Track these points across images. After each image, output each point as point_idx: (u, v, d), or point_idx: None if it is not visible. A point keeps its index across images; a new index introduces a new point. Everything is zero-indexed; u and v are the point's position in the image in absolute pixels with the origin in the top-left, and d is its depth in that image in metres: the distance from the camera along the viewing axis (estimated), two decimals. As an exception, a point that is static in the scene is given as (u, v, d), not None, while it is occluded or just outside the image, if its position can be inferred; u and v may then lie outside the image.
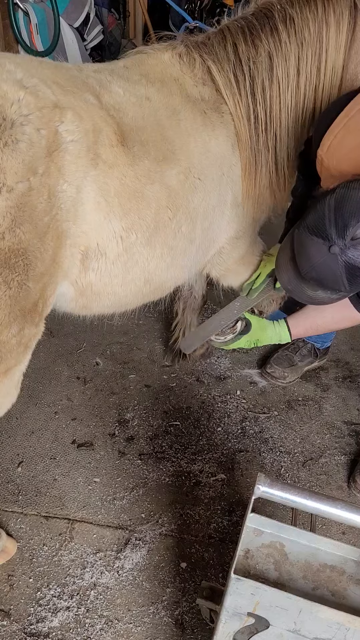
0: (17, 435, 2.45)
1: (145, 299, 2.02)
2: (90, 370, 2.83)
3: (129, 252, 1.74)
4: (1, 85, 1.40)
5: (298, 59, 1.92)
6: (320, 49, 1.92)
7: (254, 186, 2.04)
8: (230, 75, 1.92)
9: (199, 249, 2.02)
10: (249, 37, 1.92)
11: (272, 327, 2.17)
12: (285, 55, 1.91)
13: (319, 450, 2.48)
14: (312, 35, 1.91)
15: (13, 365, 1.61)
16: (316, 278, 1.58)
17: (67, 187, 1.50)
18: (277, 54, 1.91)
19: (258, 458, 2.42)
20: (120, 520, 2.15)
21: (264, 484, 1.42)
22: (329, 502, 1.42)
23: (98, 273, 1.72)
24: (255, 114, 1.95)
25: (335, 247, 1.48)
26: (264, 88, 1.94)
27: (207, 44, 1.96)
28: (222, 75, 1.92)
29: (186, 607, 1.90)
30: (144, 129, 1.72)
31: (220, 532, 2.13)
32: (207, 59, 1.93)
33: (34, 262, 1.46)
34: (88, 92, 1.63)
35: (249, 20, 1.95)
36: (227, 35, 1.95)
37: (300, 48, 1.91)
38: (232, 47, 1.93)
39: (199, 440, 2.48)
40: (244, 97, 1.93)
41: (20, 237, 1.40)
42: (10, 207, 1.36)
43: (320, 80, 1.95)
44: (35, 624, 1.84)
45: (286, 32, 1.90)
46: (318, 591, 1.47)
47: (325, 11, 1.90)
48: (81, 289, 1.74)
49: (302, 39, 1.91)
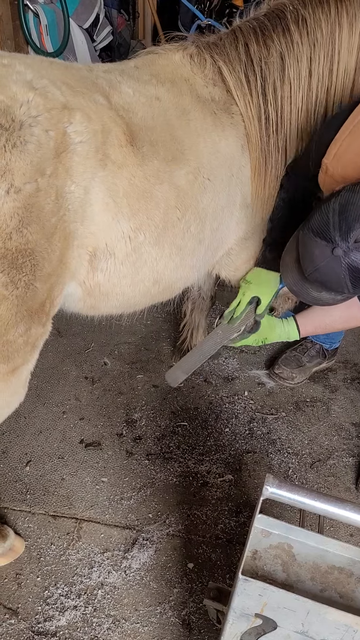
0: (25, 434, 2.46)
1: (154, 299, 2.02)
2: (98, 370, 2.83)
3: (138, 252, 1.74)
4: (11, 86, 1.41)
5: (310, 60, 1.91)
6: (333, 50, 1.91)
7: (263, 187, 2.03)
8: (242, 76, 1.91)
9: (208, 249, 2.02)
10: (260, 37, 1.91)
11: (281, 325, 2.17)
12: (297, 56, 1.90)
13: (327, 451, 2.47)
14: (325, 36, 1.90)
15: (20, 364, 1.61)
16: (320, 280, 1.59)
17: (75, 188, 1.51)
18: (289, 55, 1.90)
19: (266, 459, 2.42)
20: (128, 520, 2.15)
21: (272, 485, 1.42)
22: (337, 504, 1.41)
23: (106, 273, 1.72)
24: (266, 114, 1.94)
25: (338, 250, 1.49)
26: (275, 89, 1.93)
27: (219, 45, 1.95)
28: (233, 76, 1.92)
29: (193, 608, 1.90)
30: (154, 129, 1.72)
31: (227, 533, 2.13)
32: (218, 59, 1.92)
33: (41, 263, 1.46)
34: (97, 92, 1.64)
35: (261, 21, 1.94)
36: (238, 35, 1.94)
37: (313, 49, 1.90)
38: (244, 48, 1.92)
39: (207, 440, 2.48)
40: (254, 97, 1.93)
41: (27, 238, 1.41)
42: (17, 207, 1.37)
43: (332, 82, 1.94)
44: (43, 622, 1.84)
45: (298, 33, 1.89)
46: (326, 593, 1.46)
47: (338, 12, 1.89)
48: (89, 289, 1.75)
49: (315, 40, 1.90)
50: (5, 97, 1.38)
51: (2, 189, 1.34)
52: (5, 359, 1.54)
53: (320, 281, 1.60)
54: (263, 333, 2.15)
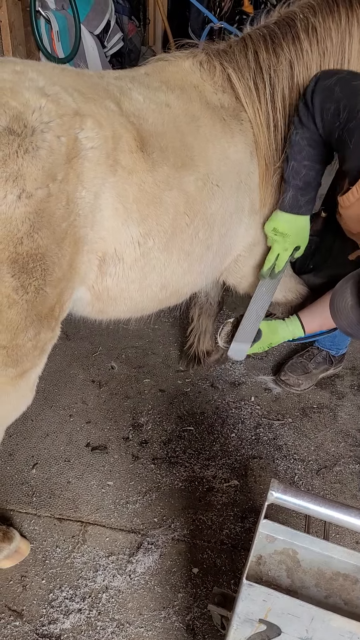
0: (32, 437, 2.47)
1: (162, 304, 2.03)
2: (106, 373, 2.84)
3: (146, 258, 1.75)
4: (23, 92, 1.43)
5: (320, 68, 1.91)
6: (343, 59, 1.92)
7: (271, 194, 2.04)
8: (251, 83, 1.92)
9: (216, 255, 2.02)
10: (270, 45, 1.92)
11: (284, 326, 2.16)
12: (307, 64, 1.91)
13: (333, 458, 2.46)
14: (335, 45, 1.90)
15: (29, 368, 1.63)
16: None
17: (86, 194, 1.52)
18: (298, 63, 1.91)
19: (272, 465, 2.41)
20: (133, 524, 2.15)
21: (277, 490, 1.42)
22: (343, 510, 1.41)
23: (115, 278, 1.73)
24: (275, 122, 1.95)
25: None
26: (284, 96, 1.94)
27: (229, 52, 1.97)
28: (242, 83, 1.93)
29: (197, 613, 1.89)
30: (164, 135, 1.73)
31: (232, 538, 2.12)
32: (228, 66, 1.93)
33: (51, 268, 1.48)
34: (109, 99, 1.65)
35: (271, 29, 1.95)
36: (248, 43, 1.95)
37: (322, 57, 1.91)
38: (253, 55, 1.93)
39: (213, 445, 2.48)
40: (263, 105, 1.93)
41: (38, 243, 1.42)
42: (29, 212, 1.38)
43: None
44: (48, 625, 1.84)
45: (308, 41, 1.90)
46: (331, 599, 1.46)
47: (349, 21, 1.89)
48: (98, 293, 1.76)
49: (324, 48, 1.90)
50: (18, 103, 1.40)
51: (14, 194, 1.35)
52: (14, 362, 1.55)
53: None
54: (267, 340, 2.15)
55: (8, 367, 1.55)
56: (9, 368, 1.56)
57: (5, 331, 1.47)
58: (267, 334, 2.14)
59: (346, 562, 1.51)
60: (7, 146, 1.35)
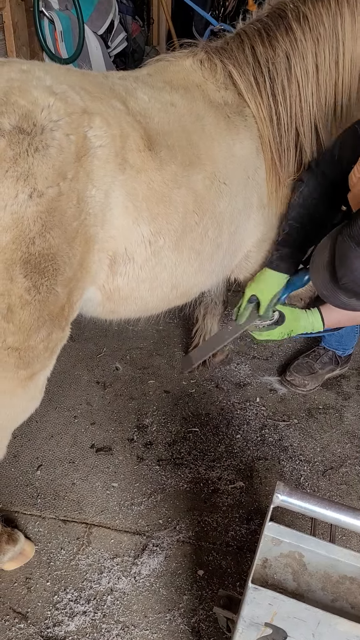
0: (36, 438, 2.47)
1: (172, 304, 2.03)
2: (110, 375, 2.84)
3: (157, 257, 1.75)
4: (31, 91, 1.42)
5: (315, 55, 1.93)
6: (337, 42, 1.93)
7: (278, 187, 2.04)
8: (251, 78, 1.93)
9: (226, 253, 2.02)
10: (265, 38, 1.94)
11: (305, 317, 2.15)
12: (302, 54, 1.93)
13: (339, 459, 2.45)
14: (327, 30, 1.92)
15: (39, 370, 1.62)
16: (355, 290, 1.57)
17: (96, 192, 1.51)
18: (294, 53, 1.92)
19: (277, 466, 2.40)
20: (138, 525, 2.14)
21: (282, 493, 1.41)
22: (349, 513, 1.40)
23: (126, 278, 1.72)
24: (277, 115, 1.96)
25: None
26: (284, 88, 1.95)
27: (227, 49, 1.98)
28: (244, 79, 1.93)
29: (203, 615, 1.88)
30: (170, 134, 1.73)
31: (238, 540, 2.11)
32: (228, 63, 1.94)
33: (62, 267, 1.47)
34: (115, 98, 1.65)
35: (264, 22, 1.97)
36: (244, 38, 1.97)
37: (317, 44, 1.92)
38: (251, 50, 1.94)
39: (218, 447, 2.47)
40: (265, 98, 1.94)
41: (50, 242, 1.41)
42: (40, 212, 1.37)
43: (339, 74, 1.96)
44: (52, 627, 1.84)
45: (301, 30, 1.91)
46: (337, 603, 1.45)
47: (338, 3, 1.90)
48: (109, 293, 1.75)
49: (318, 35, 1.92)
50: (27, 102, 1.39)
51: (25, 193, 1.34)
52: (26, 364, 1.55)
53: (355, 291, 1.57)
54: (289, 326, 2.14)
55: (19, 369, 1.55)
56: (20, 370, 1.55)
57: (18, 332, 1.46)
58: (290, 320, 2.13)
59: (353, 565, 1.49)
60: (17, 145, 1.34)
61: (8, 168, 1.33)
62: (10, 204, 1.33)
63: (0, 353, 1.48)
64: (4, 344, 1.47)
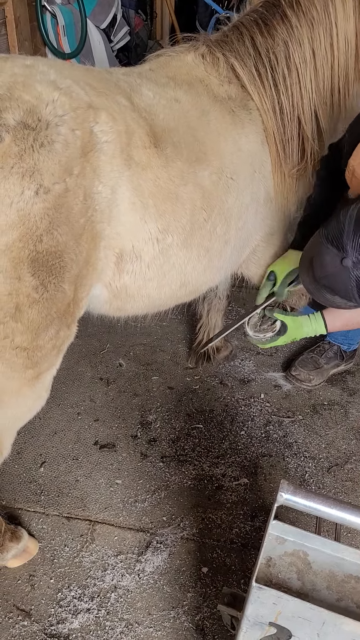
0: (40, 435, 2.46)
1: (180, 301, 2.02)
2: (113, 371, 2.83)
3: (165, 255, 1.73)
4: (35, 86, 1.40)
5: (311, 40, 1.93)
6: (330, 24, 1.93)
7: (285, 178, 2.02)
8: (253, 70, 1.93)
9: (234, 249, 2.01)
10: (263, 28, 1.94)
11: (308, 324, 2.14)
12: (299, 40, 1.93)
13: (344, 456, 2.43)
14: (320, 12, 1.92)
15: (46, 369, 1.61)
16: (329, 286, 1.58)
17: (102, 188, 1.49)
18: (291, 40, 1.92)
19: (282, 463, 2.39)
20: (142, 522, 2.14)
21: (286, 491, 1.39)
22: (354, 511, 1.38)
23: (133, 276, 1.70)
24: (280, 104, 1.96)
25: (348, 260, 1.48)
26: (285, 77, 1.95)
27: (227, 41, 1.97)
28: (246, 71, 1.93)
29: (207, 613, 1.87)
30: (176, 130, 1.71)
31: (242, 537, 2.10)
32: (230, 56, 1.94)
33: (69, 264, 1.45)
34: (120, 94, 1.63)
35: (260, 12, 1.97)
36: (242, 29, 1.97)
37: (311, 29, 1.93)
38: (251, 41, 1.94)
39: (222, 443, 2.46)
40: (267, 89, 1.94)
41: (57, 240, 1.39)
42: (47, 208, 1.35)
43: (334, 57, 1.97)
44: (56, 625, 1.83)
45: (295, 16, 1.91)
46: (342, 602, 1.43)
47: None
48: (115, 291, 1.73)
49: (311, 18, 1.92)
50: (31, 97, 1.37)
51: (32, 190, 1.32)
52: (34, 364, 1.53)
53: (329, 287, 1.58)
54: (291, 335, 2.14)
55: (27, 368, 1.53)
56: (28, 370, 1.54)
57: (26, 332, 1.45)
58: (293, 329, 2.13)
59: (358, 564, 1.48)
60: (22, 141, 1.32)
61: (13, 164, 1.31)
62: (16, 201, 1.31)
63: (9, 353, 1.47)
64: (12, 344, 1.45)
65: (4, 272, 1.35)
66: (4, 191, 1.30)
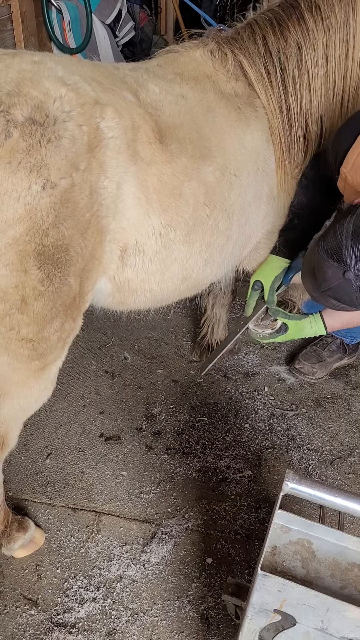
0: (46, 427, 2.48)
1: (182, 295, 2.04)
2: (119, 364, 2.84)
3: (168, 249, 1.74)
4: (43, 82, 1.41)
5: (326, 46, 1.92)
6: (348, 34, 1.92)
7: (288, 178, 2.03)
8: (262, 69, 1.92)
9: (236, 245, 2.02)
10: (277, 28, 1.93)
11: (308, 326, 2.17)
12: (314, 44, 1.92)
13: (347, 448, 2.45)
14: (339, 21, 1.91)
15: (51, 361, 1.63)
16: (333, 297, 1.63)
17: (108, 183, 1.51)
18: (305, 43, 1.91)
19: (285, 455, 2.40)
20: (147, 514, 2.16)
21: (292, 481, 1.41)
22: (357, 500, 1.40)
23: (135, 269, 1.72)
24: (287, 105, 1.95)
25: (350, 273, 1.52)
26: (294, 78, 1.94)
27: (238, 39, 1.97)
28: (254, 70, 1.92)
29: (212, 603, 1.89)
30: (181, 126, 1.72)
31: (246, 528, 2.12)
32: (239, 54, 1.93)
33: (75, 258, 1.47)
34: (126, 90, 1.65)
35: (276, 12, 1.96)
36: (255, 28, 1.96)
37: (328, 35, 1.91)
38: (262, 40, 1.93)
39: (226, 436, 2.47)
40: (275, 89, 1.93)
41: (63, 233, 1.41)
42: (54, 203, 1.37)
43: (348, 67, 1.96)
44: (62, 614, 1.86)
45: (313, 20, 1.90)
46: (346, 590, 1.45)
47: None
48: (118, 285, 1.75)
49: (329, 25, 1.91)
50: (39, 92, 1.39)
51: (39, 185, 1.34)
52: (39, 355, 1.55)
53: (334, 297, 1.64)
54: (291, 335, 2.18)
55: (33, 360, 1.55)
56: (33, 361, 1.56)
57: (32, 324, 1.47)
58: (293, 330, 2.17)
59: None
60: (30, 136, 1.34)
61: (21, 159, 1.32)
62: (23, 195, 1.33)
63: (15, 344, 1.49)
64: (18, 336, 1.47)
65: (10, 265, 1.37)
66: (12, 185, 1.32)
